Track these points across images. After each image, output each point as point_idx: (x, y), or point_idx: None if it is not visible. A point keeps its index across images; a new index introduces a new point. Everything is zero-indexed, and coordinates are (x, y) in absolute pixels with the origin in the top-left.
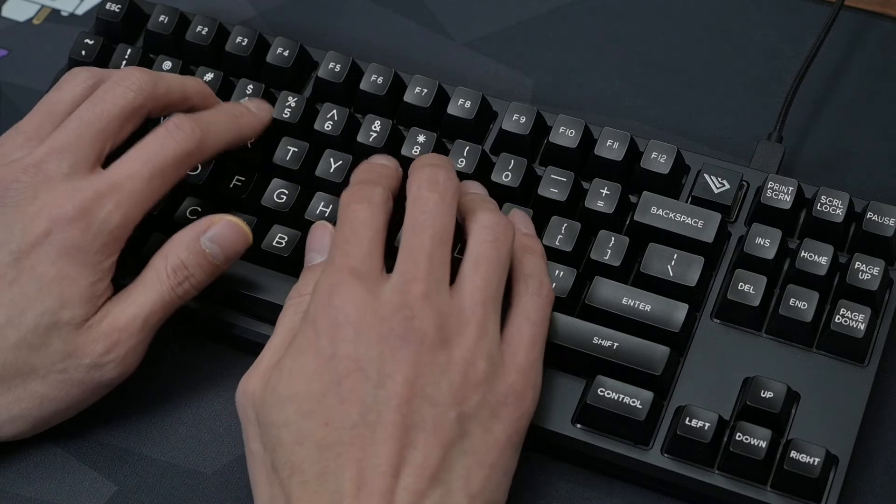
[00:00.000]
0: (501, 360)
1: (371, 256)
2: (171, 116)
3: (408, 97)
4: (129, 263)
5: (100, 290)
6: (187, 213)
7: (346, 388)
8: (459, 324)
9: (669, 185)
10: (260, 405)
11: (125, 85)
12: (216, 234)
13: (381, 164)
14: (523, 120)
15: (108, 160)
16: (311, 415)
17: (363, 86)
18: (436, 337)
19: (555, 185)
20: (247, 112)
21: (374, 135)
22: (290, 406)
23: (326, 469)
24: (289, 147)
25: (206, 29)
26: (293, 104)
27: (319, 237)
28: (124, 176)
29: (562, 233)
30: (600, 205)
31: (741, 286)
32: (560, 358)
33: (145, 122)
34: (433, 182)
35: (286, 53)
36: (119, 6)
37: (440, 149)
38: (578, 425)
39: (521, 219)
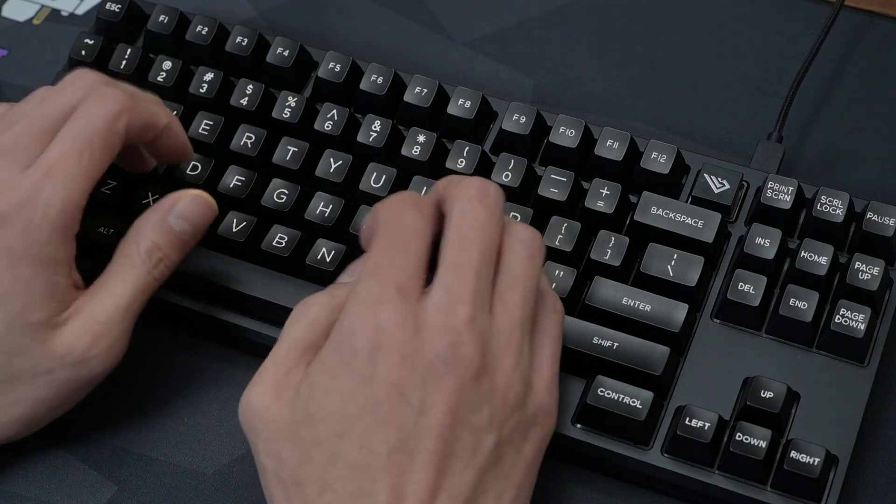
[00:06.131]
0: (530, 379)
1: (418, 274)
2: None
3: (408, 97)
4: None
5: (63, 284)
6: None
7: (385, 411)
8: (500, 348)
9: (669, 185)
10: (281, 421)
11: (70, 90)
12: (183, 210)
13: None
14: (523, 120)
15: None
16: (346, 436)
17: (363, 86)
18: (480, 364)
19: (555, 185)
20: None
21: (374, 135)
22: (322, 425)
23: (361, 491)
24: (289, 147)
25: (206, 29)
26: (293, 104)
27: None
28: (55, 158)
29: (562, 233)
30: (600, 205)
31: (741, 286)
32: (560, 358)
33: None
34: (484, 195)
35: (286, 53)
36: (119, 6)
37: (440, 149)
38: (578, 425)
39: None
